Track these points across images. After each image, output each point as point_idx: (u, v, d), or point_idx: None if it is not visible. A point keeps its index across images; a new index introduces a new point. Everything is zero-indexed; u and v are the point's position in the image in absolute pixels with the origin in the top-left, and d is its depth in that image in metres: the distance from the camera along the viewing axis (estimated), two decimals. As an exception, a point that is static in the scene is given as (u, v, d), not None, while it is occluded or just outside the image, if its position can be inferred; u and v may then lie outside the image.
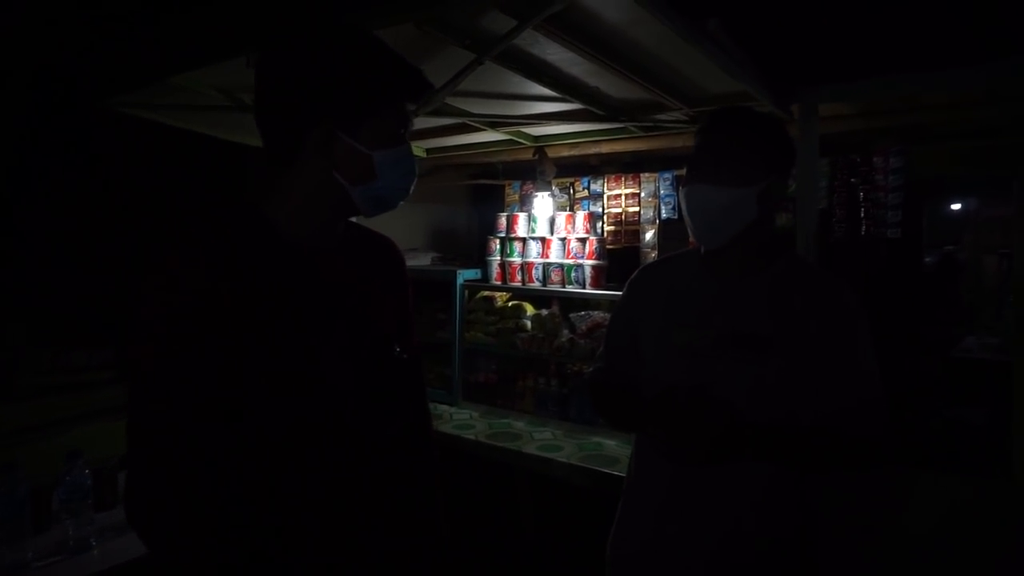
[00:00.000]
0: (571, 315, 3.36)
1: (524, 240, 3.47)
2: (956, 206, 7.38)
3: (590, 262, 3.21)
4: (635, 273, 1.59)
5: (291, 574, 0.99)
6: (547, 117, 2.80)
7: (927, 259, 6.43)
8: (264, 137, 1.05)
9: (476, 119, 2.78)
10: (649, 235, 3.47)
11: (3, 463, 1.65)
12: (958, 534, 2.27)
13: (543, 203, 3.47)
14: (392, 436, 1.12)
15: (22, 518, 1.65)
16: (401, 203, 1.11)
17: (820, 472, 1.38)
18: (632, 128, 2.85)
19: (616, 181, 3.56)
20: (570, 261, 3.27)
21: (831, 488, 2.25)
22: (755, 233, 1.33)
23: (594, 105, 2.55)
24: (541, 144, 3.32)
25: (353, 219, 1.19)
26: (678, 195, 1.42)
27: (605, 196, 3.60)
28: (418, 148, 3.47)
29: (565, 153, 3.47)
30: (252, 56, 2.01)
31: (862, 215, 2.95)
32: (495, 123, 2.92)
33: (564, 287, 3.31)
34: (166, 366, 0.91)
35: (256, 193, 1.09)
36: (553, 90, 2.30)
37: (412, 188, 1.10)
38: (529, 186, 3.78)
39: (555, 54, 2.02)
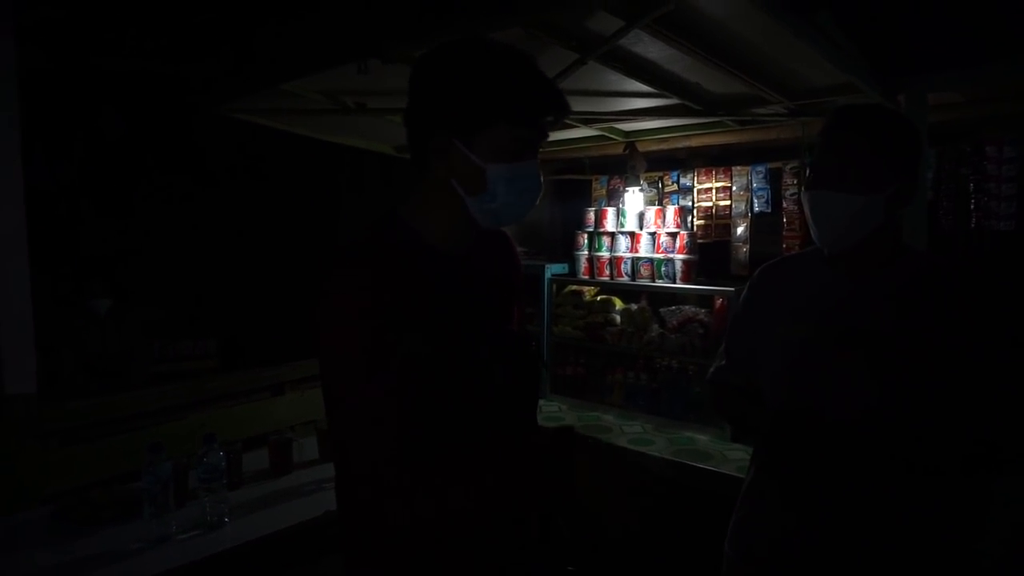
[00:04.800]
0: (661, 310, 3.36)
1: (613, 235, 3.49)
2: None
3: (681, 256, 3.20)
4: (755, 273, 1.58)
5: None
6: (642, 113, 2.81)
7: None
8: (408, 144, 1.11)
9: (572, 117, 2.81)
10: (740, 229, 3.42)
11: (150, 443, 1.80)
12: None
13: (633, 198, 3.47)
14: (526, 422, 1.18)
15: (167, 494, 1.79)
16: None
17: (942, 474, 1.36)
18: (728, 122, 2.82)
19: (707, 175, 3.52)
20: (660, 255, 3.27)
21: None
22: (882, 235, 1.31)
23: (691, 100, 2.54)
24: (631, 139, 3.33)
25: None
26: (800, 197, 1.39)
27: (695, 190, 3.57)
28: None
29: (654, 147, 3.46)
30: (362, 62, 2.11)
31: (972, 207, 2.82)
32: (589, 120, 2.95)
33: (654, 281, 3.30)
34: (375, 348, 0.96)
35: (398, 198, 1.15)
36: (651, 86, 2.32)
37: (533, 206, 1.10)
38: (617, 181, 3.78)
39: (657, 52, 2.03)
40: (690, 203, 3.57)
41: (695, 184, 3.57)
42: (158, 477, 1.77)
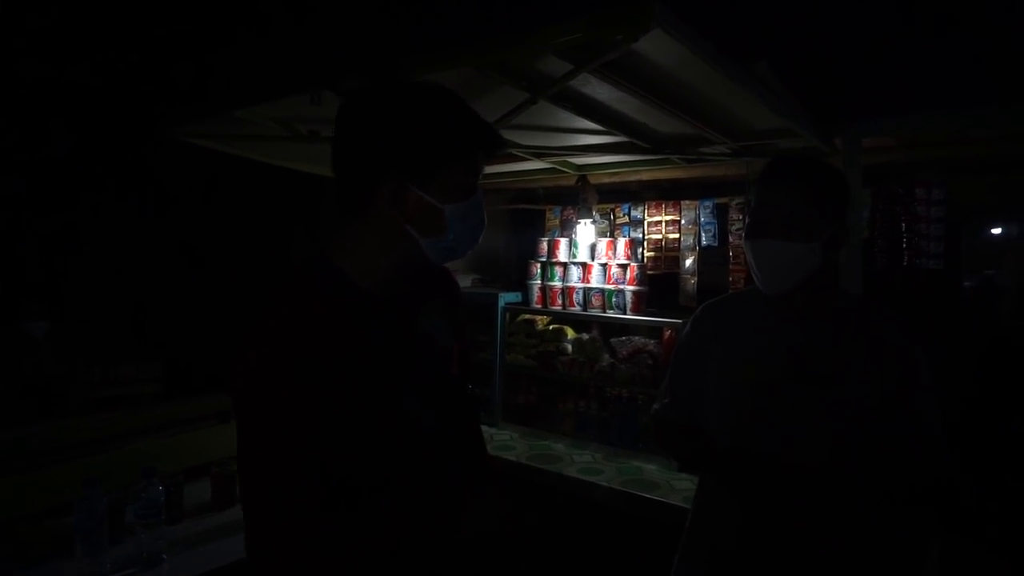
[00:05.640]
0: (612, 340, 3.41)
1: (565, 265, 3.54)
2: (997, 230, 7.26)
3: (631, 288, 3.26)
4: (698, 311, 1.62)
5: None
6: (592, 149, 2.87)
7: (966, 284, 6.31)
8: (338, 187, 1.06)
9: (524, 150, 2.86)
10: (689, 261, 3.51)
11: (86, 478, 1.75)
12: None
13: (585, 230, 3.53)
14: (468, 468, 1.18)
15: (101, 531, 1.73)
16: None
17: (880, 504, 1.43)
18: (675, 159, 2.91)
19: (656, 208, 3.62)
20: (611, 286, 3.33)
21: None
22: (820, 277, 1.38)
23: (639, 138, 2.61)
24: (584, 172, 3.40)
25: None
26: (743, 245, 1.44)
27: (645, 223, 3.65)
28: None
29: (606, 180, 3.54)
30: (316, 93, 2.12)
31: (904, 245, 2.96)
32: (541, 154, 3.00)
33: (605, 312, 3.36)
34: (293, 413, 0.93)
35: (323, 241, 1.10)
36: (600, 125, 2.38)
37: (481, 238, 1.10)
38: (570, 212, 3.85)
39: (605, 93, 2.09)
40: (640, 235, 3.65)
41: (645, 217, 3.66)
42: (92, 513, 1.72)
